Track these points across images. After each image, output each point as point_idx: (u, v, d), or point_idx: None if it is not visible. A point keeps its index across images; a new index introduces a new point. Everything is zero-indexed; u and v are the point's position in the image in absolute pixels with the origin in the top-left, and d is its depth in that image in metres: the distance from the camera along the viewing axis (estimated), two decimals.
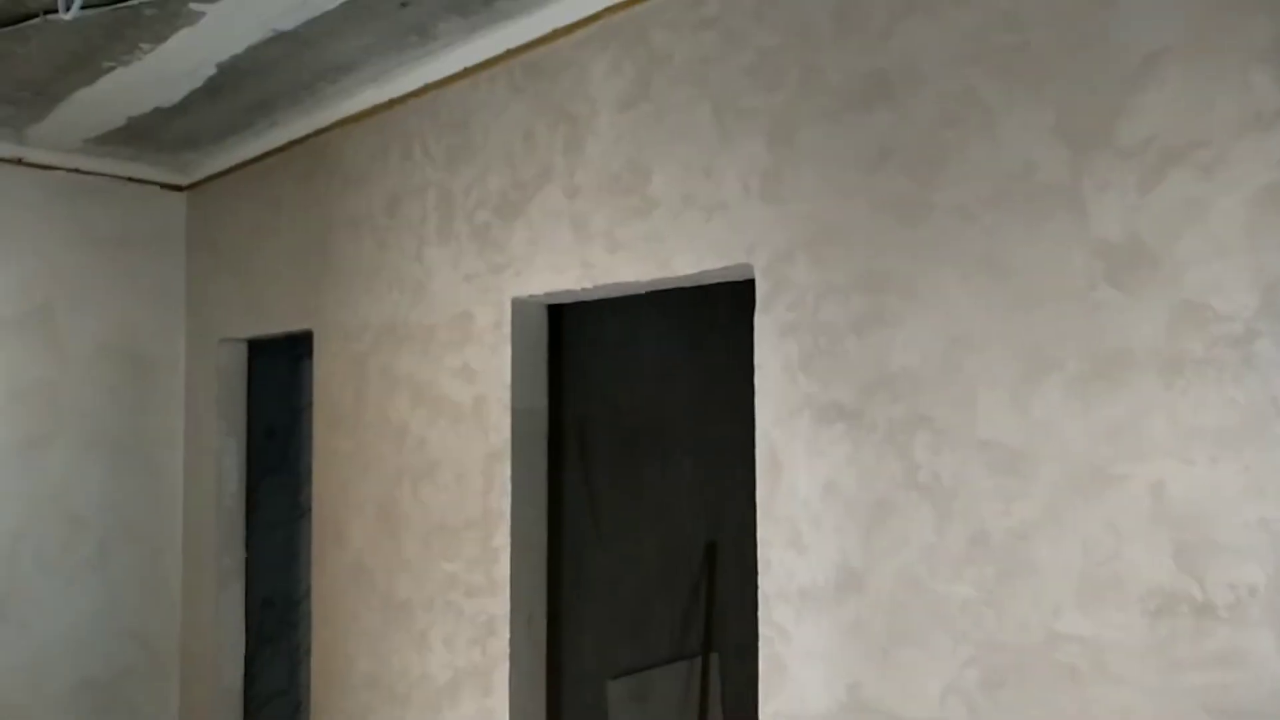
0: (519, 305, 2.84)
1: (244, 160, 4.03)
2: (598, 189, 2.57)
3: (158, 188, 4.40)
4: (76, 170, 4.18)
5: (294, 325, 3.75)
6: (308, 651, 4.70)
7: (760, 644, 2.16)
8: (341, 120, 3.47)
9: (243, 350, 4.29)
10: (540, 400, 2.90)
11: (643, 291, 2.59)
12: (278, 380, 4.69)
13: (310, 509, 4.73)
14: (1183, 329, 1.63)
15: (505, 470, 2.80)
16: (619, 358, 4.01)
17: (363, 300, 3.38)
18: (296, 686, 4.68)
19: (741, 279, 2.33)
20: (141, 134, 3.89)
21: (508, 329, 2.82)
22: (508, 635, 2.76)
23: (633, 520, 4.04)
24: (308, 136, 3.66)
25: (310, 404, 4.74)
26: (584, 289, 2.60)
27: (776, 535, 2.12)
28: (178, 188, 4.45)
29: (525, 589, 2.81)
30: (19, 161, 4.05)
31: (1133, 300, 1.68)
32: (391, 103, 3.25)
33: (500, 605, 2.79)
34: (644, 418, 4.10)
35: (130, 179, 4.32)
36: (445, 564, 2.99)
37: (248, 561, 4.36)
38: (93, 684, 4.15)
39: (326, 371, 3.55)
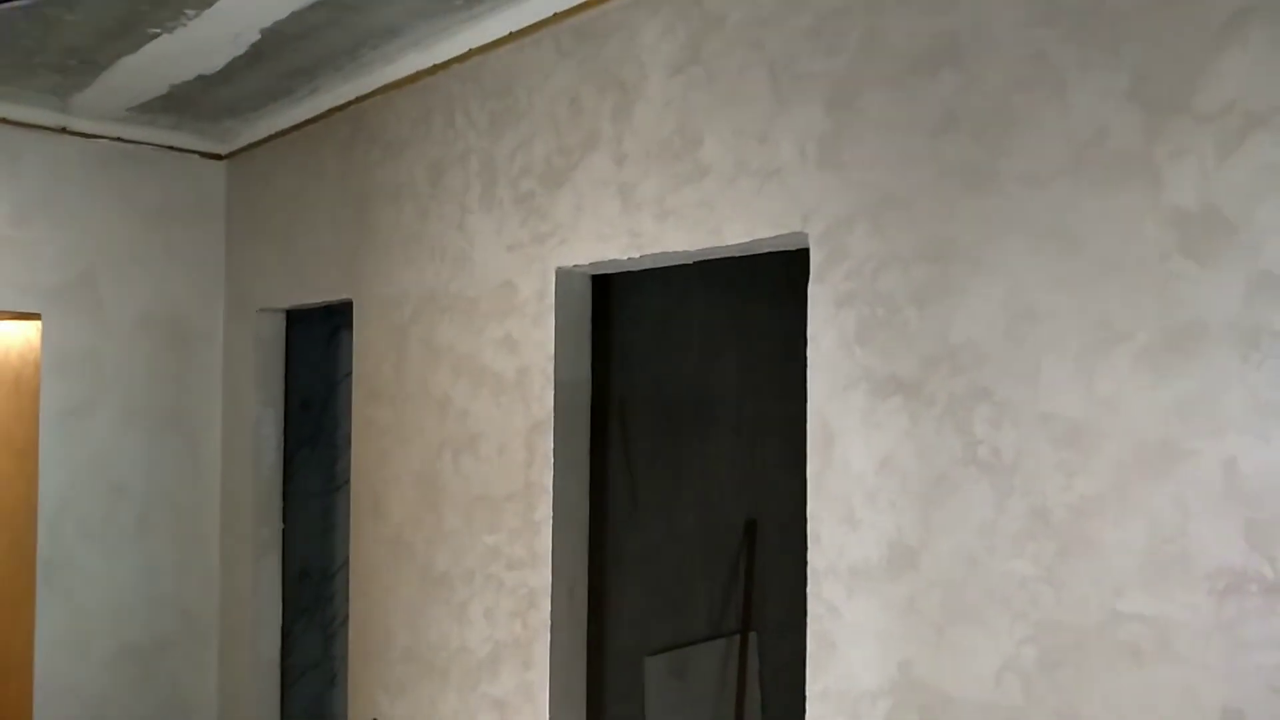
0: (563, 275, 2.83)
1: (284, 128, 4.04)
2: (646, 156, 2.54)
3: (198, 156, 4.43)
4: (119, 139, 4.21)
5: (333, 295, 3.76)
6: (343, 624, 4.75)
7: (809, 621, 2.15)
8: (383, 87, 3.47)
9: (281, 320, 4.32)
10: (583, 372, 2.89)
11: (690, 262, 2.57)
12: (314, 351, 4.73)
13: (346, 481, 4.78)
14: (1261, 300, 1.58)
15: (547, 443, 2.80)
16: (661, 330, 3.99)
17: (403, 270, 3.39)
18: (331, 659, 4.74)
19: (794, 248, 2.31)
20: (183, 102, 3.91)
21: (551, 299, 2.81)
22: (549, 608, 2.77)
23: (673, 496, 4.03)
24: (349, 104, 3.66)
25: (347, 375, 4.78)
26: (630, 259, 2.59)
27: (828, 511, 2.11)
28: (217, 156, 4.47)
29: (566, 562, 2.82)
30: (63, 130, 4.08)
31: (1208, 271, 1.64)
32: (434, 68, 3.24)
33: (541, 578, 2.80)
34: (686, 392, 4.08)
35: (171, 148, 4.34)
36: (486, 536, 3.00)
37: (284, 533, 4.41)
38: (134, 651, 4.22)
39: (366, 342, 3.57)
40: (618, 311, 3.66)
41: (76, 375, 4.11)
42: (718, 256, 2.48)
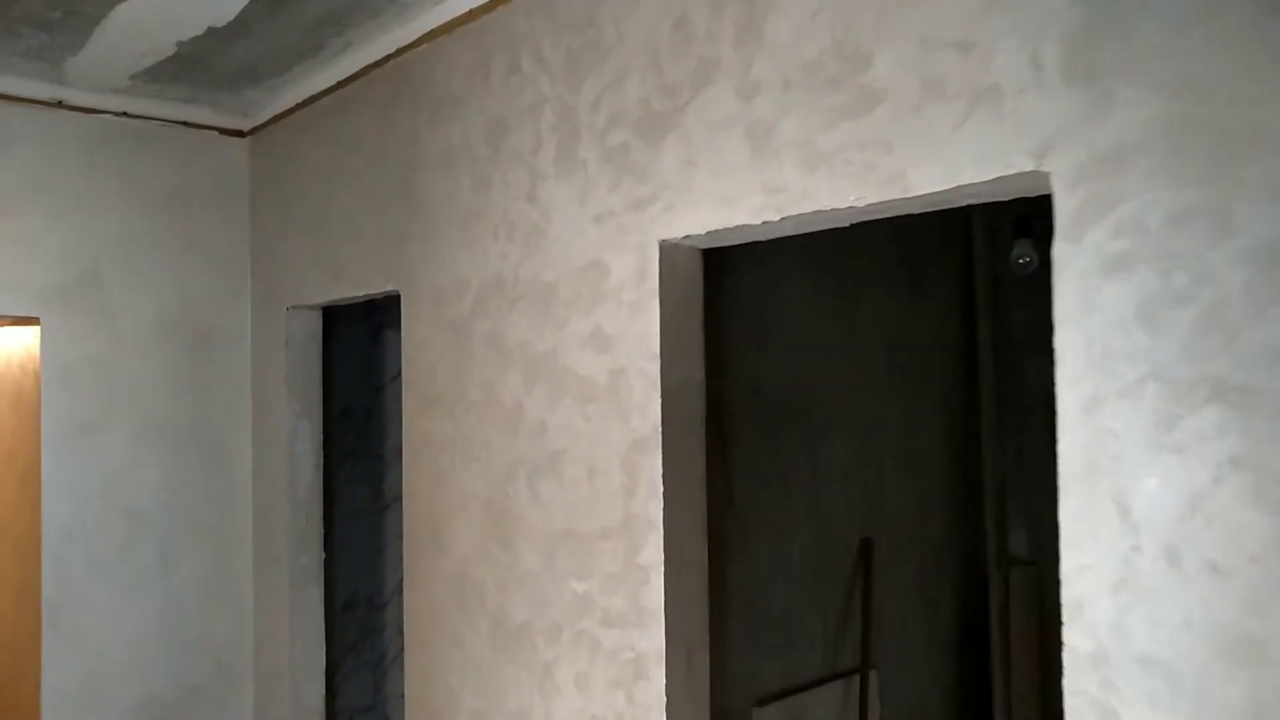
0: (669, 251, 2.19)
1: (313, 94, 3.44)
2: (786, 86, 1.90)
3: (216, 133, 3.84)
4: (124, 114, 3.63)
5: (375, 287, 3.15)
6: (395, 660, 4.16)
7: None
8: (430, 33, 2.85)
9: (316, 318, 3.72)
10: (696, 373, 2.25)
11: (850, 223, 1.93)
12: (355, 352, 4.14)
13: (396, 498, 4.19)
14: None
15: (654, 465, 2.17)
16: (757, 319, 3.35)
17: (460, 254, 2.77)
18: (383, 701, 4.16)
19: (1015, 196, 1.65)
20: (195, 65, 3.32)
21: (654, 282, 2.18)
22: (663, 680, 2.14)
23: (779, 515, 3.40)
24: (388, 58, 3.04)
25: (394, 378, 4.19)
26: (767, 223, 1.94)
27: (1097, 572, 1.46)
28: (239, 133, 3.88)
29: (684, 620, 2.19)
30: (59, 104, 3.51)
31: None
32: (493, 3, 2.61)
33: (651, 640, 2.17)
34: (788, 392, 3.44)
35: (185, 124, 3.76)
36: (575, 582, 2.38)
37: (327, 559, 3.82)
38: (156, 703, 3.65)
39: (417, 341, 2.95)
40: (706, 298, 3.02)
41: (82, 387, 3.55)
42: (898, 213, 1.82)
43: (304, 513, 3.66)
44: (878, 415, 3.75)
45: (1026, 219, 3.26)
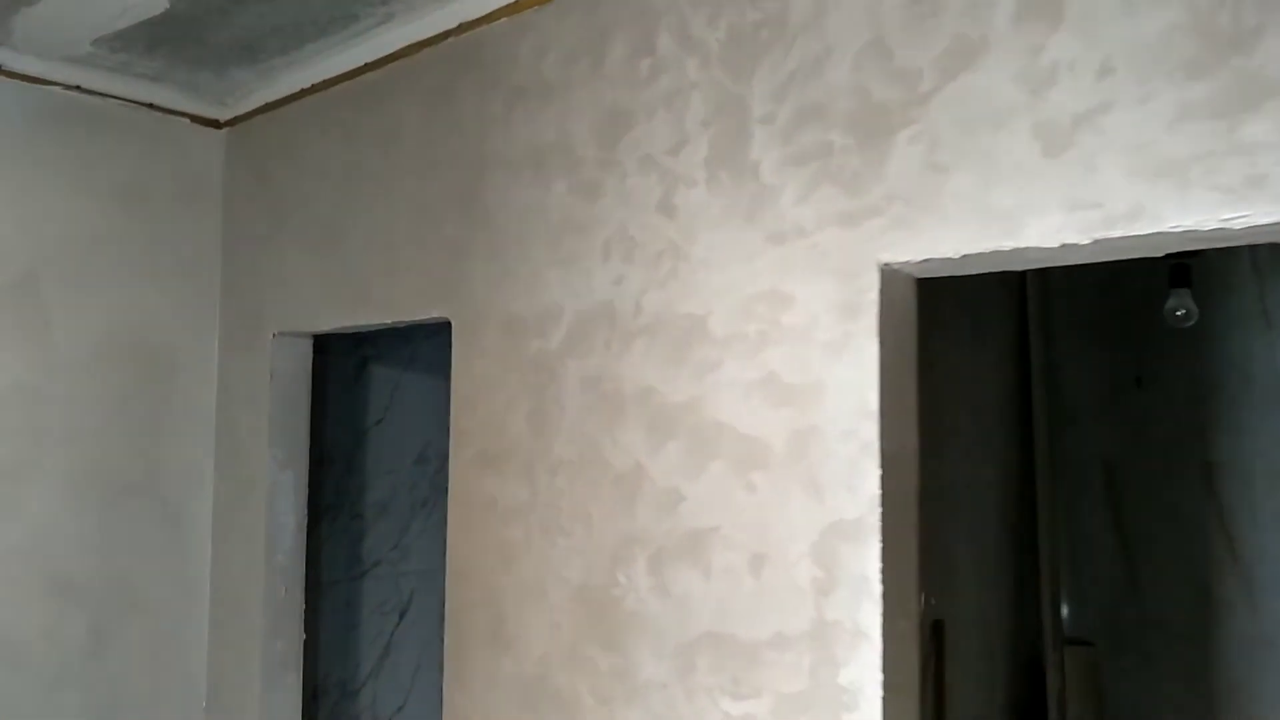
0: (890, 280, 1.71)
1: (326, 79, 2.84)
2: (1106, 69, 1.46)
3: (187, 121, 3.17)
4: (77, 88, 2.93)
5: (413, 313, 2.55)
6: None
7: None
8: (514, 3, 2.32)
9: (307, 348, 3.07)
10: (912, 437, 1.77)
11: (1181, 249, 1.49)
12: (336, 390, 3.49)
13: (376, 564, 3.54)
14: None
15: (866, 557, 1.66)
16: (976, 347, 2.90)
17: (549, 275, 2.22)
18: None
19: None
20: (182, 33, 2.68)
21: (871, 318, 1.68)
22: None
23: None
24: (446, 34, 2.48)
25: (378, 422, 3.56)
26: (1066, 246, 1.48)
27: None
28: (214, 123, 3.22)
29: None
30: None
31: None
32: None
33: None
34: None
35: (151, 106, 3.08)
36: (728, 702, 1.83)
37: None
38: None
39: (475, 380, 2.37)
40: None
41: (2, 423, 2.80)
42: None
43: (283, 584, 2.97)
44: (949, 483, 3.33)
45: (1184, 267, 2.93)
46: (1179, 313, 2.87)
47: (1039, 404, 3.80)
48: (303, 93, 2.93)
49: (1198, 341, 3.42)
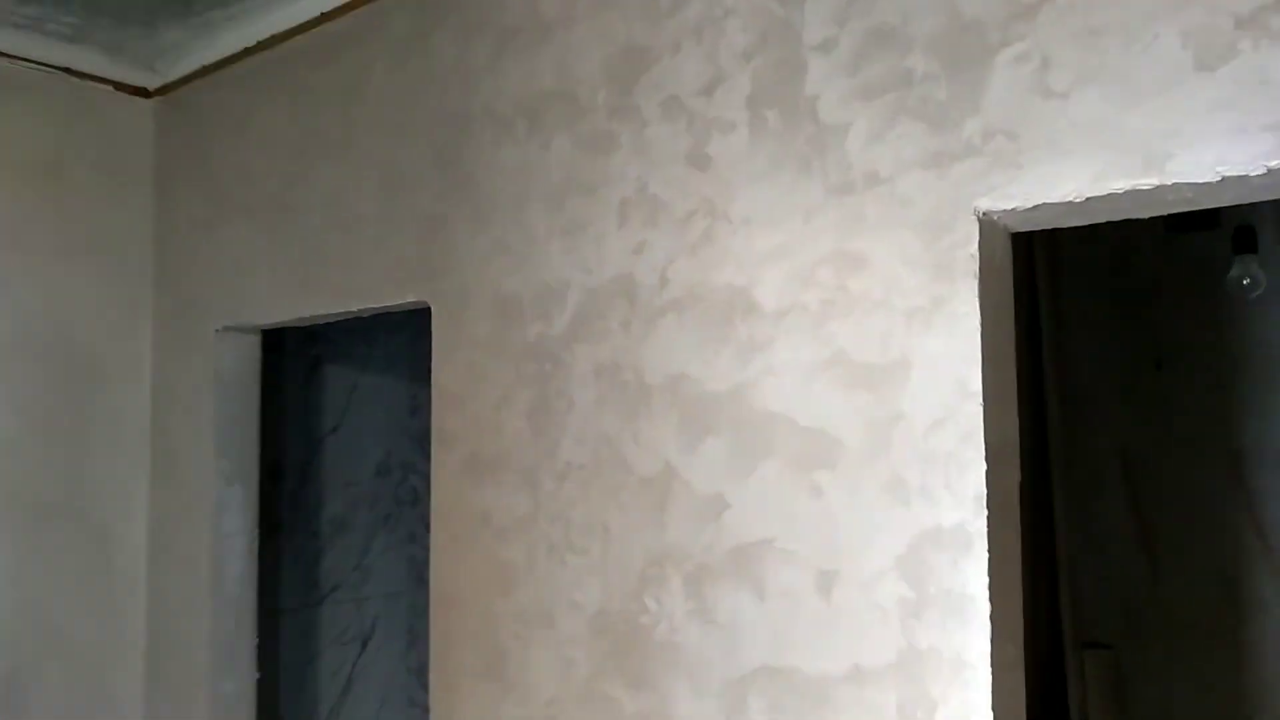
0: (990, 231, 1.41)
1: (274, 34, 2.46)
2: None
3: (111, 89, 2.76)
4: None
5: (384, 299, 2.19)
6: None
7: None
8: None
9: (255, 345, 2.68)
10: (1012, 424, 1.46)
11: None
12: (287, 393, 3.10)
13: (334, 589, 3.15)
14: None
15: (969, 571, 1.35)
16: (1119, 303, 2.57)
17: (549, 245, 1.88)
18: None
19: None
20: None
21: (970, 279, 1.38)
22: None
23: None
24: None
25: (335, 430, 3.18)
26: (1251, 175, 1.19)
27: None
28: (143, 92, 2.81)
29: None
30: None
31: None
32: None
33: None
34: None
35: (69, 71, 2.67)
36: None
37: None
38: None
39: (461, 373, 2.02)
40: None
41: None
42: None
43: (232, 615, 2.58)
44: None
45: (1249, 230, 2.65)
46: (1245, 281, 2.63)
47: (1051, 389, 3.55)
48: (246, 52, 2.54)
49: (1219, 321, 3.19)
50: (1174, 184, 1.24)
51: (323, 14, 2.33)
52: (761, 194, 1.60)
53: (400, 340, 3.32)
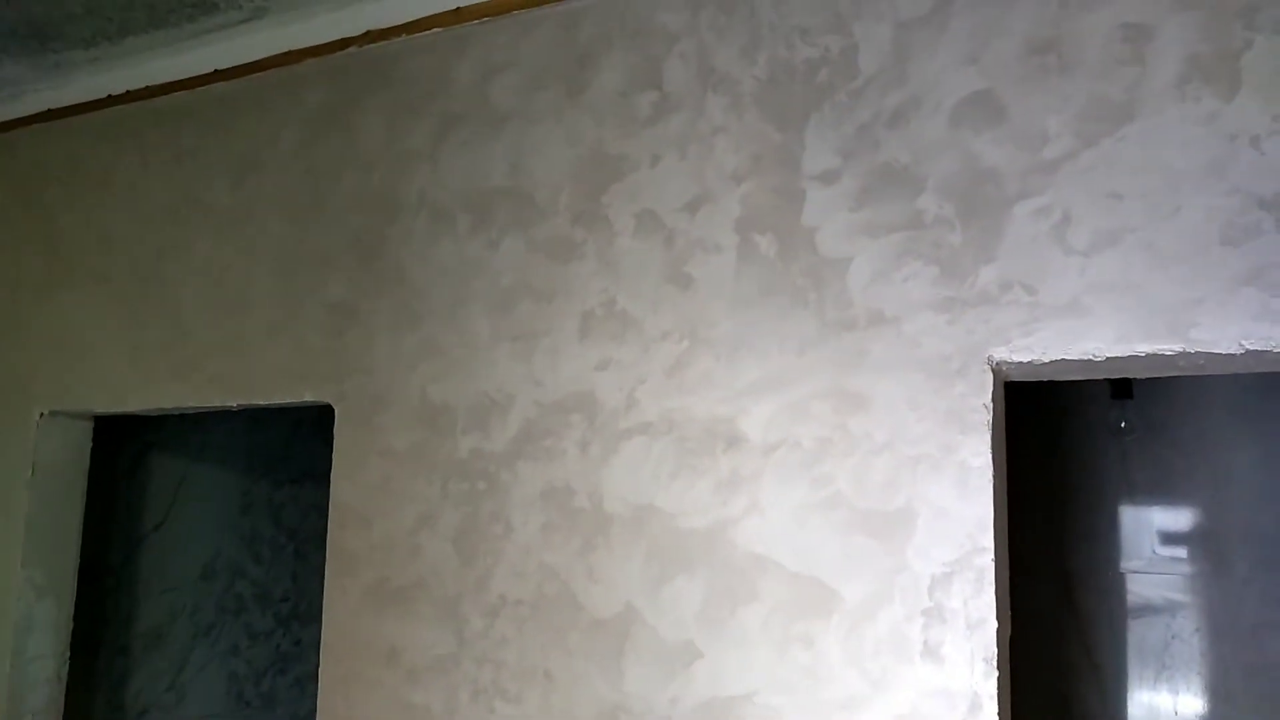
0: (1001, 380, 1.33)
1: (155, 84, 2.10)
2: None
3: None
4: None
5: (274, 394, 1.85)
6: None
7: None
8: (447, 13, 1.76)
9: (85, 435, 2.22)
10: (1006, 580, 1.36)
11: None
12: (106, 485, 2.61)
13: (142, 715, 2.64)
14: None
15: None
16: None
17: (493, 352, 1.64)
18: None
19: None
20: None
21: (983, 428, 1.28)
22: None
23: None
24: (341, 44, 1.87)
25: (159, 528, 2.73)
26: (1275, 351, 1.17)
27: None
28: None
29: None
30: None
31: None
32: None
33: None
34: None
35: None
36: None
37: None
38: None
39: (370, 486, 1.72)
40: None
41: None
42: None
43: None
44: None
45: (1125, 381, 2.77)
46: (1122, 424, 2.77)
47: None
48: (111, 100, 2.16)
49: (1055, 451, 3.33)
50: (1196, 352, 1.21)
51: (217, 71, 2.01)
52: (750, 321, 1.46)
53: (234, 428, 2.90)
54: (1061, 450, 3.25)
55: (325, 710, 1.69)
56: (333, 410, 1.80)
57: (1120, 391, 2.71)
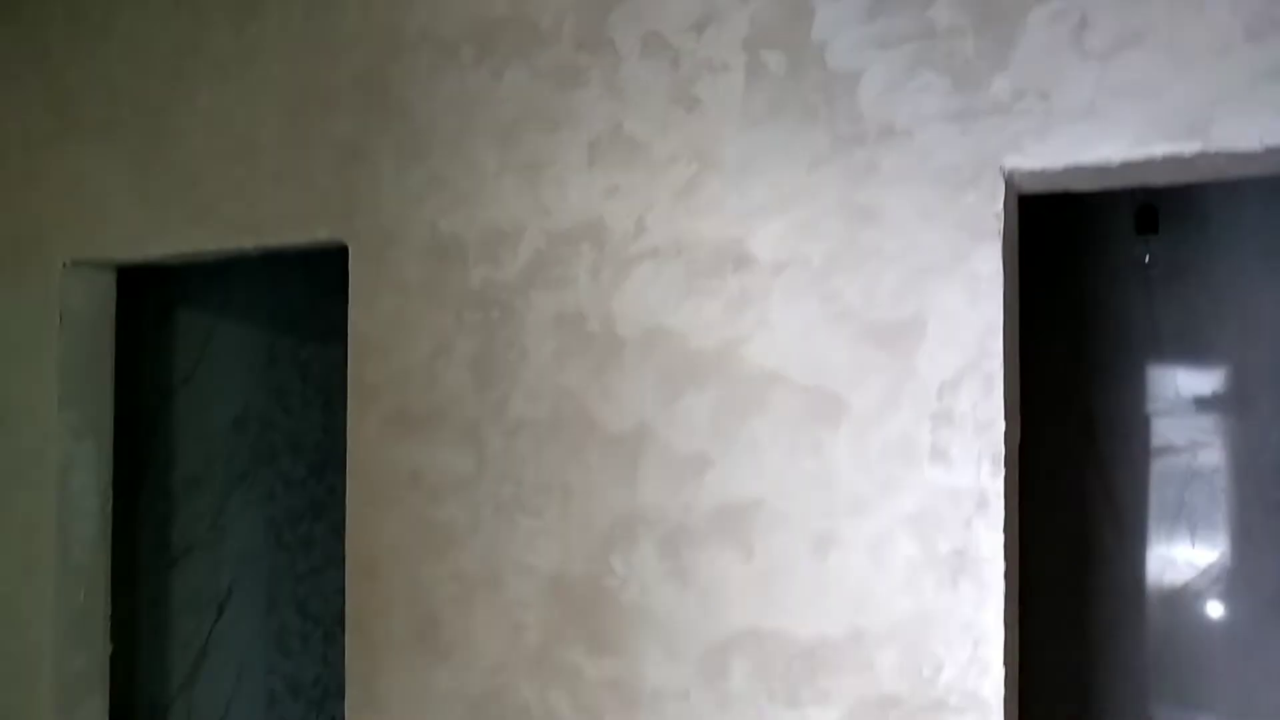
0: (1013, 189, 1.29)
1: None
2: None
3: None
4: None
5: (287, 234, 1.81)
6: None
7: None
8: None
9: (109, 284, 2.19)
10: (1016, 388, 1.35)
11: None
12: (135, 338, 2.60)
13: (188, 551, 2.71)
14: None
15: (985, 534, 1.24)
16: None
17: (500, 183, 1.59)
18: None
19: None
20: None
21: (994, 236, 1.25)
22: None
23: None
24: None
25: (189, 380, 2.73)
26: None
27: None
28: None
29: None
30: None
31: None
32: None
33: None
34: None
35: None
36: (780, 709, 1.35)
37: None
38: None
39: (386, 320, 1.70)
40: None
41: None
42: None
43: (82, 585, 2.12)
44: None
45: (1152, 209, 2.66)
46: (1147, 260, 2.69)
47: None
48: None
49: (1080, 291, 3.24)
50: (1215, 152, 1.15)
51: None
52: (758, 140, 1.40)
53: (259, 285, 2.86)
54: (1087, 294, 3.18)
55: (353, 531, 1.72)
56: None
57: (1145, 226, 2.64)
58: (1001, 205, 1.25)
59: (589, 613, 1.51)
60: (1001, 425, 1.25)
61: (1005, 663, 1.24)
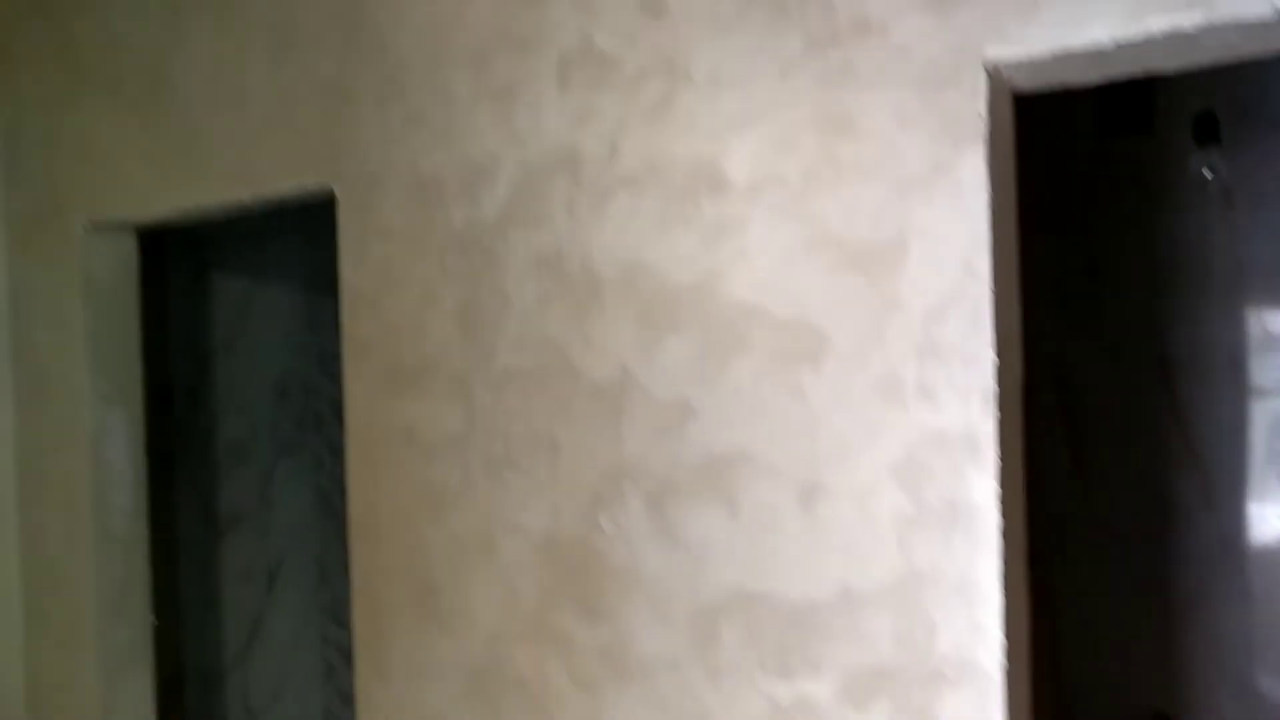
0: (999, 86, 1.28)
1: None
2: None
3: None
4: None
5: (277, 184, 1.97)
6: None
7: None
8: None
9: (129, 245, 2.44)
10: (1017, 312, 1.35)
11: None
12: (169, 304, 2.87)
13: (238, 522, 2.99)
14: None
15: (975, 478, 1.26)
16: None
17: (476, 115, 1.69)
18: None
19: None
20: None
21: (977, 142, 1.25)
22: None
23: None
24: None
25: (231, 347, 2.99)
26: None
27: None
28: None
29: None
30: None
31: None
32: None
33: None
34: None
35: None
36: (775, 682, 1.42)
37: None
38: None
39: (374, 270, 1.84)
40: None
41: None
42: None
43: (120, 555, 2.40)
44: None
45: (1212, 118, 2.54)
46: (1206, 171, 2.56)
47: None
48: None
49: (1153, 225, 3.11)
50: (1222, 24, 1.11)
51: None
52: (728, 48, 1.44)
53: (295, 245, 3.09)
54: (1160, 227, 3.03)
55: (354, 493, 1.88)
56: None
57: (1206, 136, 2.52)
58: (985, 104, 1.24)
59: (580, 576, 1.61)
60: (991, 360, 1.25)
61: (1007, 629, 1.26)
